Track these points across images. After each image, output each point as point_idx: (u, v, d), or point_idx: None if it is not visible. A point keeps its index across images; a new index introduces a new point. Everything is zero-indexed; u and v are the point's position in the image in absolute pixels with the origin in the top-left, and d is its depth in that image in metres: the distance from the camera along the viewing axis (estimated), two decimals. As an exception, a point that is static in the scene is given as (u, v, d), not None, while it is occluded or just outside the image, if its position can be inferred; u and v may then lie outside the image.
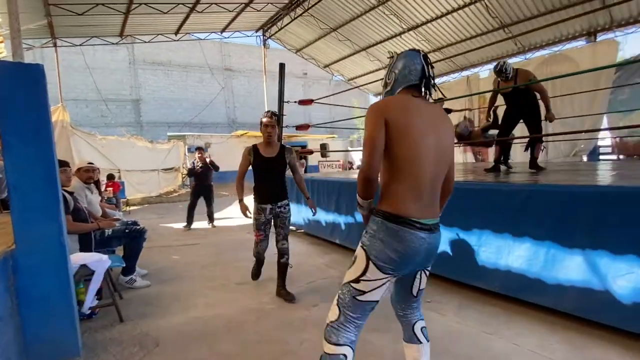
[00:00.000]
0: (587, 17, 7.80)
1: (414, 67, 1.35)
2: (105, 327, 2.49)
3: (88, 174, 3.42)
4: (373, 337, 2.24)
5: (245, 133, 13.40)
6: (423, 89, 1.37)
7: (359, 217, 4.03)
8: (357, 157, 16.76)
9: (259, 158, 2.76)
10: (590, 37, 8.32)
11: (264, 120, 2.74)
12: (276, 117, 2.81)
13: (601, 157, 8.35)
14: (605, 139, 8.41)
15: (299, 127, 5.53)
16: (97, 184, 4.24)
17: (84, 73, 15.09)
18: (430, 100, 1.42)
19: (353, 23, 9.45)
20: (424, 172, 1.26)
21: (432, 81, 1.39)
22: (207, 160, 6.33)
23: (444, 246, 3.01)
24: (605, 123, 7.63)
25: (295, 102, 5.45)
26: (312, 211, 3.08)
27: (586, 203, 2.18)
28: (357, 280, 1.28)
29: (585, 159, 7.98)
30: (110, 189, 7.60)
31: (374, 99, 15.42)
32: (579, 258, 2.18)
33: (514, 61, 9.80)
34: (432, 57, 8.18)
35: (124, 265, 3.08)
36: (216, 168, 6.48)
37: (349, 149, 18.01)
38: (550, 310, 2.37)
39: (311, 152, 6.06)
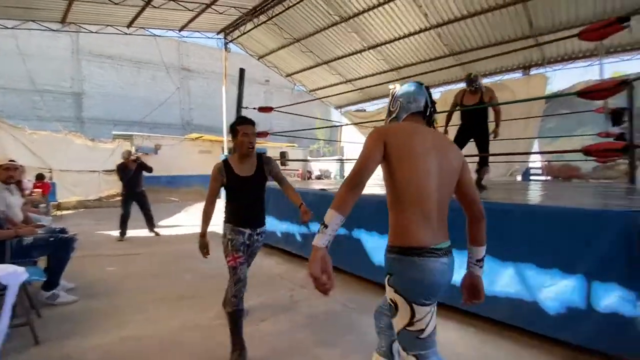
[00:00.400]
0: (523, 52, 8.77)
1: (418, 97, 1.43)
2: (17, 350, 2.15)
3: (8, 173, 2.99)
4: (321, 351, 2.20)
5: (201, 136, 12.83)
6: (426, 117, 1.44)
7: (314, 228, 4.01)
8: (316, 167, 16.88)
9: (234, 178, 2.17)
10: (525, 70, 9.36)
11: (243, 127, 2.14)
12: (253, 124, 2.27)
13: (532, 177, 9.32)
14: (535, 162, 9.39)
15: (258, 134, 5.38)
16: (19, 184, 3.72)
17: (16, 59, 13.46)
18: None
19: (316, 36, 9.61)
20: (429, 195, 1.24)
21: (434, 110, 1.46)
22: (137, 161, 5.62)
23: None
24: (536, 148, 8.57)
25: (255, 108, 5.32)
26: (303, 220, 2.29)
27: (518, 220, 2.38)
28: (410, 324, 1.24)
29: (519, 178, 8.84)
30: (40, 190, 6.77)
31: (335, 112, 15.73)
32: (511, 270, 2.35)
33: (461, 86, 10.64)
34: (389, 76, 8.55)
35: (45, 279, 2.72)
36: (148, 169, 5.78)
37: (309, 158, 18.09)
38: (485, 318, 2.51)
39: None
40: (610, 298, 1.97)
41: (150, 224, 5.89)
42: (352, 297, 3.11)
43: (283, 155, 13.38)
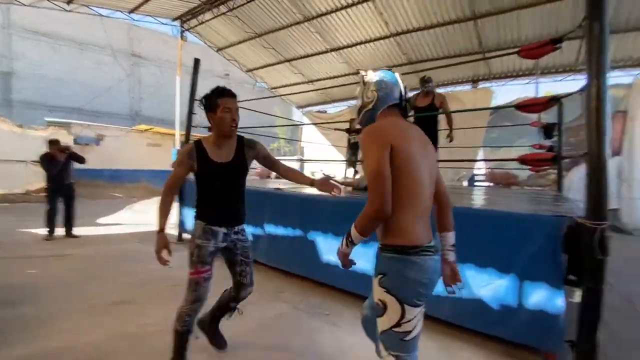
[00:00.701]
0: (472, 67, 9.44)
1: (394, 86, 1.37)
2: None
3: None
4: (267, 356, 2.11)
5: (151, 128, 11.97)
6: (402, 109, 1.40)
7: (269, 229, 3.90)
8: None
9: (208, 164, 1.79)
10: (474, 83, 10.08)
11: (225, 101, 1.74)
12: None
13: (476, 183, 10.04)
14: (480, 169, 10.13)
15: (210, 129, 5.11)
16: None
17: None
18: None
19: (279, 33, 9.45)
20: (424, 198, 1.26)
21: (408, 101, 1.41)
22: (67, 152, 5.06)
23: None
24: (481, 156, 9.25)
25: (208, 101, 5.04)
26: (333, 193, 1.85)
27: (462, 222, 2.48)
28: (398, 325, 1.22)
29: (465, 184, 9.47)
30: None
31: (297, 112, 15.63)
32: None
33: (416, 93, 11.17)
34: (351, 79, 8.70)
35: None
36: (81, 160, 5.18)
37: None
38: (429, 317, 2.60)
39: None
40: (538, 296, 2.12)
41: (69, 223, 5.14)
42: (302, 299, 3.05)
43: (241, 152, 12.95)
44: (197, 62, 5.00)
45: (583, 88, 2.09)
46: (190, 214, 5.04)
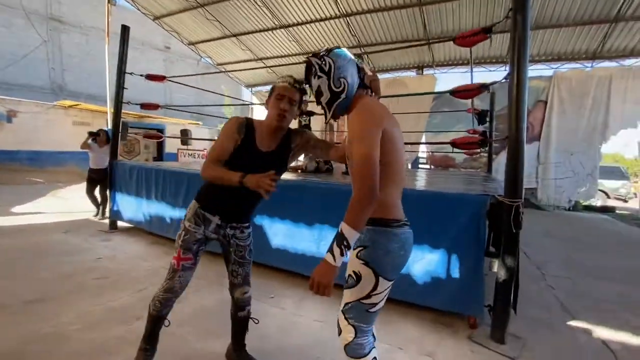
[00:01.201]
0: (418, 53, 9.80)
1: (353, 65, 1.34)
2: None
3: None
4: (201, 345, 2.04)
5: (77, 104, 10.59)
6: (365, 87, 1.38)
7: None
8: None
9: (250, 148, 1.57)
10: (418, 70, 10.50)
11: (281, 88, 1.54)
12: (303, 91, 1.59)
13: (420, 166, 10.65)
14: (423, 152, 10.74)
15: (145, 106, 4.65)
16: None
17: None
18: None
19: (223, 4, 8.81)
20: (403, 175, 1.32)
21: (363, 77, 1.38)
22: None
23: (282, 240, 3.08)
24: (423, 140, 9.78)
25: (142, 75, 4.55)
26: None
27: (406, 202, 2.59)
28: (367, 297, 1.26)
29: (409, 166, 9.99)
30: None
31: (246, 91, 14.97)
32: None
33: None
34: (301, 59, 8.50)
35: None
36: None
37: (215, 138, 16.90)
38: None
39: (159, 137, 5.11)
40: (463, 268, 2.32)
41: None
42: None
43: (185, 133, 12.18)
44: (125, 29, 4.45)
45: (506, 76, 2.24)
46: (124, 201, 4.63)
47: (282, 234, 3.12)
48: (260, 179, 1.36)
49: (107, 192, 5.03)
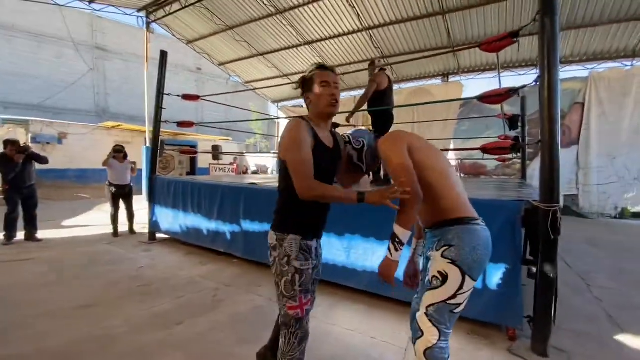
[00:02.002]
0: (443, 61, 9.71)
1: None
2: None
3: None
4: (239, 350, 2.11)
5: (118, 125, 11.44)
6: None
7: (245, 224, 3.87)
8: (252, 162, 16.42)
9: (322, 147, 1.45)
10: (444, 77, 10.37)
11: (322, 74, 1.45)
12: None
13: (449, 174, 10.39)
14: (452, 160, 10.48)
15: (182, 124, 4.98)
16: None
17: None
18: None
19: (251, 26, 9.27)
20: (455, 177, 1.48)
21: None
22: (26, 152, 4.69)
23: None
24: (452, 147, 9.56)
25: (178, 96, 4.89)
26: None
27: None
28: (454, 297, 1.29)
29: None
30: None
31: (272, 107, 15.45)
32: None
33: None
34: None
35: None
36: (43, 160, 4.88)
37: (245, 153, 17.47)
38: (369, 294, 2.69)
39: (194, 153, 5.45)
40: (499, 276, 2.25)
41: (31, 226, 4.84)
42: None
43: (216, 148, 12.68)
44: (163, 54, 4.83)
45: (536, 79, 2.21)
46: (162, 213, 4.90)
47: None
48: (384, 193, 1.27)
49: (132, 207, 5.32)
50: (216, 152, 12.06)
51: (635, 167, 7.93)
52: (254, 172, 14.85)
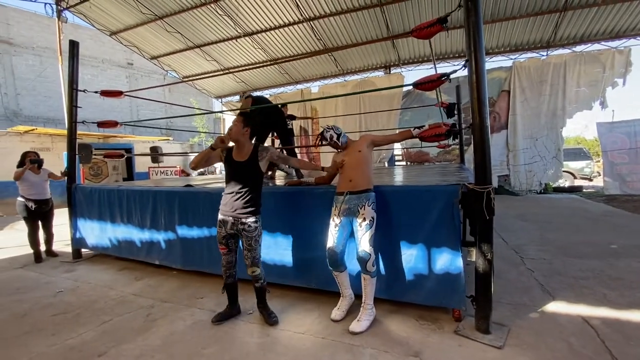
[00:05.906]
0: (384, 53, 9.92)
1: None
2: None
3: None
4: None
5: (33, 129, 9.96)
6: None
7: (182, 231, 3.49)
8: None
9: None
10: (386, 69, 10.64)
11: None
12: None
13: (396, 163, 10.75)
14: (398, 149, 10.85)
15: (103, 124, 4.39)
16: None
17: None
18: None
19: (182, 15, 8.58)
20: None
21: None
22: None
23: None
24: (397, 137, 9.88)
25: (96, 92, 4.28)
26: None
27: (382, 200, 2.53)
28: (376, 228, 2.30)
29: (386, 164, 10.05)
30: None
31: (217, 103, 14.66)
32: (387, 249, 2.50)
33: (335, 82, 11.39)
34: (272, 69, 8.35)
35: None
36: None
37: (189, 153, 16.40)
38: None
39: (121, 156, 4.81)
40: (442, 260, 2.27)
41: None
42: (223, 300, 2.80)
43: (154, 149, 11.69)
44: (73, 44, 4.19)
45: (464, 64, 2.24)
46: (87, 227, 4.31)
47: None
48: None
49: (52, 226, 4.52)
50: (154, 153, 11.13)
51: (553, 146, 8.88)
52: (201, 173, 14.03)
